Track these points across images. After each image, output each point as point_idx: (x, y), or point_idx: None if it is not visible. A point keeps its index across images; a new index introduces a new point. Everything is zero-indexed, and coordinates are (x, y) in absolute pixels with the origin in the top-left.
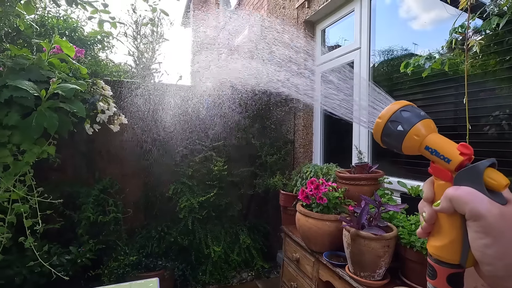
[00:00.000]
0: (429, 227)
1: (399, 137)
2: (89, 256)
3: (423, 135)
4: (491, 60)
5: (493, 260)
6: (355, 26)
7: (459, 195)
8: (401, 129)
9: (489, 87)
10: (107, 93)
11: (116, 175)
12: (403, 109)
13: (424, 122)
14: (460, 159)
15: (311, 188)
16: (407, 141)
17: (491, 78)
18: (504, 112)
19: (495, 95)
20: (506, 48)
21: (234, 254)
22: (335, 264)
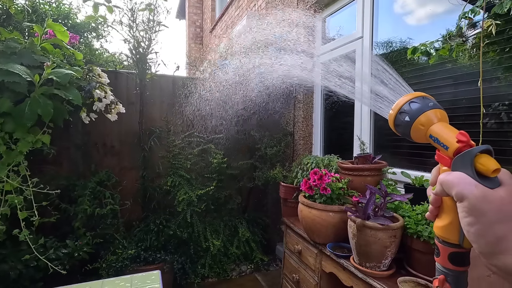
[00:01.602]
0: (434, 210)
1: (406, 127)
2: (86, 250)
3: (428, 125)
4: (496, 51)
5: (476, 237)
6: (358, 15)
7: (448, 179)
8: (408, 120)
9: (496, 76)
10: (103, 81)
11: (113, 167)
12: (412, 100)
13: (430, 112)
14: (456, 146)
15: (315, 179)
16: (414, 131)
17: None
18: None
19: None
20: None
21: (233, 247)
22: (339, 255)
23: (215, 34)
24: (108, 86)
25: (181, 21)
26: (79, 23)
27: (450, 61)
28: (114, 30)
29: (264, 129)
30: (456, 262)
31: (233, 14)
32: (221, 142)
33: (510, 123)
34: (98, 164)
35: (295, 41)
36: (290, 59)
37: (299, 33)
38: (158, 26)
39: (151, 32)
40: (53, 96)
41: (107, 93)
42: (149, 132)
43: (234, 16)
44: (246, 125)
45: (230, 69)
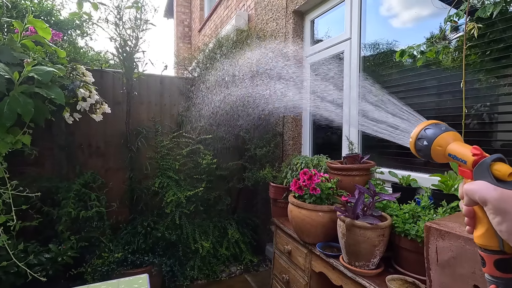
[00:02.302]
0: (470, 221)
1: (426, 150)
2: (70, 254)
3: (445, 145)
4: (478, 54)
5: (508, 235)
6: (346, 16)
7: (470, 188)
8: (426, 144)
9: (477, 78)
10: (88, 80)
11: (99, 169)
12: (427, 127)
13: (444, 135)
14: (472, 158)
15: (304, 179)
16: (434, 152)
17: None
18: (493, 103)
19: (484, 86)
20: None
21: (222, 248)
22: (329, 255)
23: (204, 33)
24: (93, 86)
25: (169, 20)
26: (63, 20)
27: (435, 63)
28: (100, 28)
29: (254, 130)
30: (503, 268)
31: (222, 14)
32: (210, 143)
33: (492, 124)
34: (83, 166)
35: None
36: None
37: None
38: (146, 25)
39: (138, 30)
40: (34, 95)
41: (92, 93)
42: (136, 132)
43: (223, 16)
44: (235, 125)
45: (218, 71)
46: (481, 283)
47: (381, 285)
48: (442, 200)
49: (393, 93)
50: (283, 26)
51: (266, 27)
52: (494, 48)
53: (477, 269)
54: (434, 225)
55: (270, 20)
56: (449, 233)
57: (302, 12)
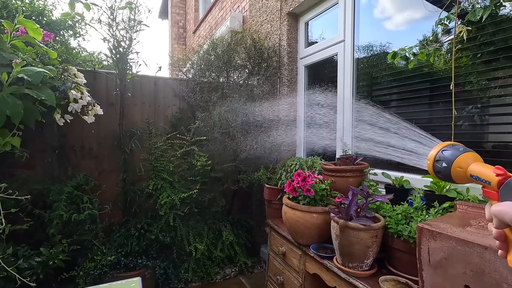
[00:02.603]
0: (502, 245)
1: (446, 171)
2: (62, 258)
3: (465, 166)
4: (469, 56)
5: None
6: (339, 18)
7: (498, 209)
8: (445, 165)
9: (468, 80)
10: (80, 81)
11: (92, 171)
12: (444, 149)
13: (463, 156)
14: (496, 179)
15: (298, 181)
16: (454, 174)
17: (469, 72)
18: (484, 105)
19: (470, 89)
20: (488, 41)
21: (217, 250)
22: (323, 256)
23: (199, 34)
24: (86, 87)
25: (163, 21)
26: (55, 21)
27: (427, 65)
28: (93, 29)
29: (249, 131)
30: None
31: (217, 15)
32: (204, 144)
33: (483, 125)
34: (76, 168)
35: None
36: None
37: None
38: (139, 26)
39: (132, 31)
40: (24, 96)
41: (84, 94)
42: (129, 134)
43: (217, 17)
44: (230, 127)
45: (213, 70)
46: (472, 283)
47: (375, 286)
48: (434, 201)
49: (387, 94)
50: (278, 28)
51: (260, 29)
52: (485, 51)
53: (468, 270)
54: (426, 226)
55: (264, 21)
56: (440, 234)
57: (297, 14)
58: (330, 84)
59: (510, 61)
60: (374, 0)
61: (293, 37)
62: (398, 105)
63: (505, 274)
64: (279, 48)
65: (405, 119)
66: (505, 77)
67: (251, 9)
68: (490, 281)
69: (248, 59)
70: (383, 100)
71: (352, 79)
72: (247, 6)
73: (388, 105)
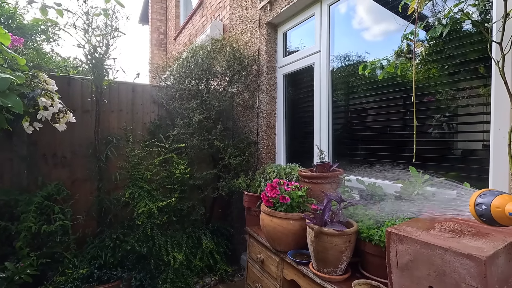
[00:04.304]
0: None
1: (487, 212)
2: (29, 272)
3: (503, 206)
4: (432, 68)
5: None
6: (315, 30)
7: None
8: (485, 207)
9: (432, 91)
10: (50, 88)
11: (65, 180)
12: (481, 194)
13: (499, 197)
14: None
15: (268, 192)
16: (495, 214)
17: (433, 83)
18: (445, 115)
19: (437, 99)
20: (445, 56)
21: (196, 259)
22: (299, 262)
23: (180, 41)
24: (59, 94)
25: (144, 27)
26: (26, 25)
27: (400, 75)
28: (67, 34)
29: (228, 139)
30: None
31: (198, 22)
32: (183, 152)
33: (451, 133)
34: (47, 177)
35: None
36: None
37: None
38: (116, 32)
39: (109, 37)
40: None
41: (55, 101)
42: (105, 141)
43: (198, 24)
44: (209, 134)
45: (193, 77)
46: (435, 284)
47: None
48: None
49: (363, 103)
50: (257, 37)
51: (240, 38)
52: (450, 63)
53: (431, 271)
54: (394, 230)
55: (244, 30)
56: (406, 237)
57: (275, 24)
58: (308, 93)
59: (470, 74)
60: (350, 12)
61: (272, 46)
62: (374, 113)
63: (463, 274)
64: (258, 57)
65: (380, 126)
66: (468, 88)
67: (231, 18)
68: (451, 281)
69: (228, 67)
70: (360, 109)
71: (328, 88)
72: (228, 15)
73: (364, 113)
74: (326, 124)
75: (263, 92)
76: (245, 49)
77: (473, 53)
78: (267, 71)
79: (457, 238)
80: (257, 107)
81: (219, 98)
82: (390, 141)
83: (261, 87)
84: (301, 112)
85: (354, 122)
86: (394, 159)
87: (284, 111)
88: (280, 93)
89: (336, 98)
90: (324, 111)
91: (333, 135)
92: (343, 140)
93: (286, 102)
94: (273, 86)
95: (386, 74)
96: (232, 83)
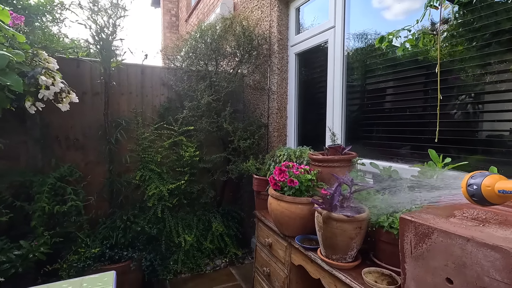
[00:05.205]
0: None
1: (478, 192)
2: (43, 250)
3: (492, 184)
4: (458, 45)
5: None
6: (330, 4)
7: None
8: (476, 187)
9: (457, 68)
10: (51, 66)
11: (79, 162)
12: (472, 176)
13: (489, 177)
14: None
15: (276, 175)
16: (485, 193)
17: (460, 58)
18: (471, 94)
19: (463, 77)
20: (474, 27)
21: (207, 241)
22: (307, 248)
23: (191, 22)
24: (67, 76)
25: (156, 9)
26: (33, 6)
27: (422, 53)
28: (73, 14)
29: (238, 121)
30: None
31: (208, 2)
32: (193, 135)
33: (475, 113)
34: (61, 159)
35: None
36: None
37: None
38: (123, 11)
39: (116, 17)
40: None
41: (56, 80)
42: (115, 124)
43: (209, 4)
44: (218, 117)
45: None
46: (453, 276)
47: (357, 278)
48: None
49: (378, 82)
50: (268, 14)
51: (251, 15)
52: (478, 35)
53: (450, 262)
54: (408, 217)
55: (255, 8)
56: (422, 225)
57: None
58: (321, 73)
59: (502, 46)
60: None
61: (283, 23)
62: (391, 93)
63: (487, 267)
64: (269, 36)
65: (398, 107)
66: (498, 63)
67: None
68: (472, 274)
69: (238, 47)
70: (376, 88)
71: (342, 66)
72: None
73: (381, 93)
74: (340, 104)
75: (274, 73)
76: (256, 28)
77: (508, 22)
78: (278, 50)
79: (481, 227)
80: (267, 88)
81: (228, 79)
82: (408, 123)
83: (272, 67)
84: (314, 94)
85: (369, 103)
86: (413, 141)
87: (296, 92)
88: (292, 74)
89: (350, 77)
90: (338, 91)
91: (347, 117)
92: (357, 122)
93: (298, 83)
94: (284, 66)
95: (405, 51)
96: (242, 64)
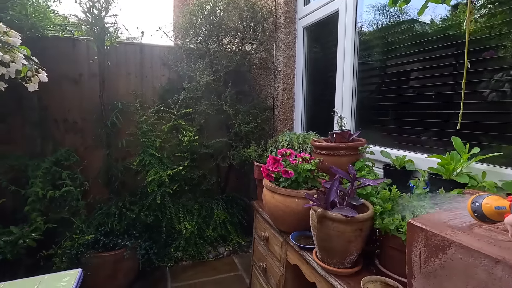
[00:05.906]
0: None
1: (479, 209)
2: (34, 236)
3: (491, 202)
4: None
5: None
6: None
7: (509, 220)
8: (477, 204)
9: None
10: (11, 40)
11: (78, 146)
12: (479, 195)
13: (490, 196)
14: (508, 203)
15: (269, 165)
16: (485, 209)
17: (497, 31)
18: (508, 73)
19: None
20: None
21: (209, 229)
22: (302, 247)
23: None
24: (64, 57)
25: None
26: None
27: (448, 27)
28: None
29: (243, 104)
30: None
31: None
32: (193, 118)
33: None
34: (60, 143)
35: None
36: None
37: None
38: None
39: None
40: None
41: (17, 56)
42: (111, 107)
43: None
44: (218, 98)
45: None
46: None
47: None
48: (440, 187)
49: (396, 58)
50: None
51: None
52: None
53: (470, 287)
54: (418, 223)
55: None
56: (436, 235)
57: None
58: (332, 48)
59: None
60: None
61: None
62: (414, 70)
63: None
64: (275, 8)
65: (417, 87)
66: None
67: None
68: None
69: (241, 22)
70: (394, 65)
71: (353, 41)
72: None
73: (400, 70)
74: (350, 84)
75: (280, 49)
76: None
77: None
78: (285, 24)
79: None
80: (273, 67)
81: (229, 57)
82: (429, 105)
83: (278, 43)
84: (325, 73)
85: (384, 83)
86: (434, 126)
87: (305, 71)
88: (300, 50)
89: (363, 54)
90: (348, 69)
91: (358, 99)
92: (370, 105)
93: (307, 61)
94: (291, 42)
95: (433, 25)
96: (245, 40)
